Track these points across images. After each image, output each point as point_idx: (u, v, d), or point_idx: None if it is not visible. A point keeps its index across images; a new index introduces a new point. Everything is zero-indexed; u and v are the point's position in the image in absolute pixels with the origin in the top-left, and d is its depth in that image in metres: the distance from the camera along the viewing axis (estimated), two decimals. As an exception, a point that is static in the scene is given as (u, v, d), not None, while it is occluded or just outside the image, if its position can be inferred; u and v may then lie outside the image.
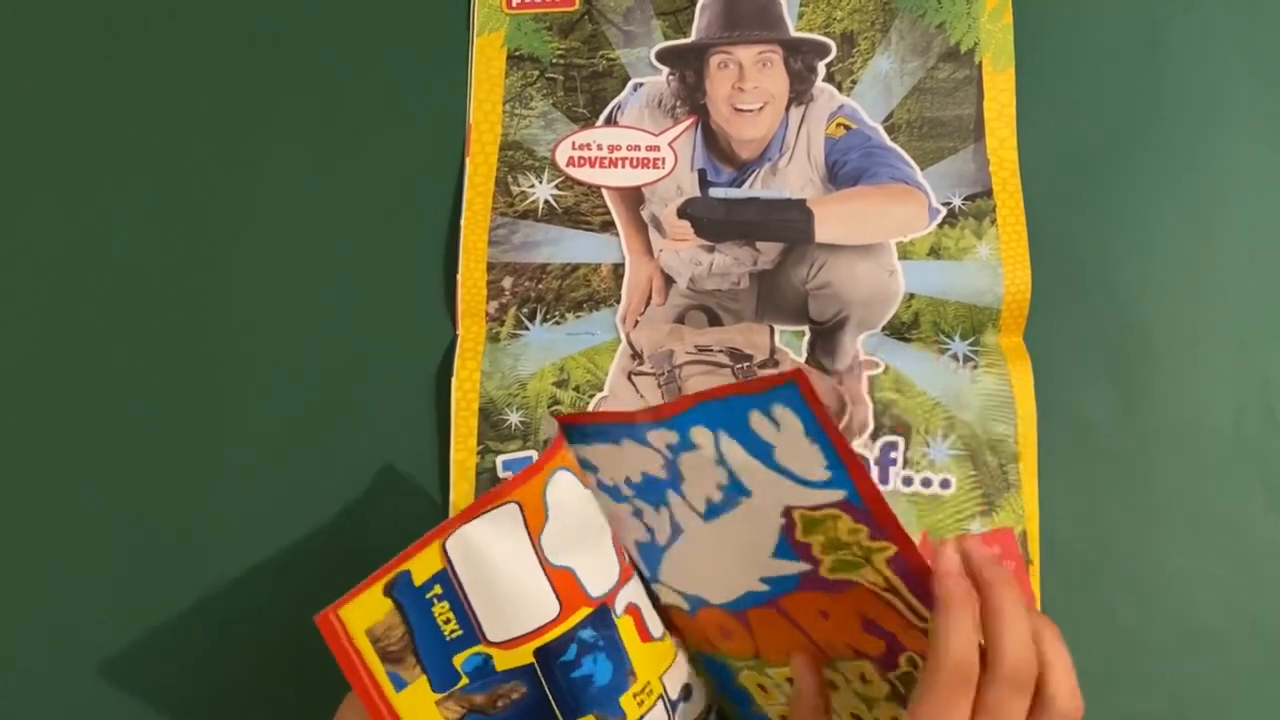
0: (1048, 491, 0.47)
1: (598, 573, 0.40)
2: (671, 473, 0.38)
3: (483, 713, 0.39)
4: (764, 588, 0.39)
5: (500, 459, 0.47)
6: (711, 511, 0.38)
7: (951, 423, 0.47)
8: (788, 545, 0.37)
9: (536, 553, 0.39)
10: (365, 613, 0.38)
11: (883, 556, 0.36)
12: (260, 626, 0.47)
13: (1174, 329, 0.49)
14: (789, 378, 0.35)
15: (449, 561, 0.38)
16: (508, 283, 0.49)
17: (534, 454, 0.47)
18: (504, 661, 0.38)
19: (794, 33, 0.51)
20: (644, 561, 0.42)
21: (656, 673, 0.41)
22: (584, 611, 0.39)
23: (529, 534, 0.38)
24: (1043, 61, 0.51)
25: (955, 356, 0.48)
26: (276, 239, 0.50)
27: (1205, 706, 0.46)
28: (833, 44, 0.51)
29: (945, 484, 0.47)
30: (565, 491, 0.40)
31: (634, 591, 0.42)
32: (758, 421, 0.35)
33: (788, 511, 0.36)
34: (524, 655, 0.38)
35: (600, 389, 0.48)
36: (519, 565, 0.38)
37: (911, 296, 0.48)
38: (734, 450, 0.36)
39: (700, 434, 0.37)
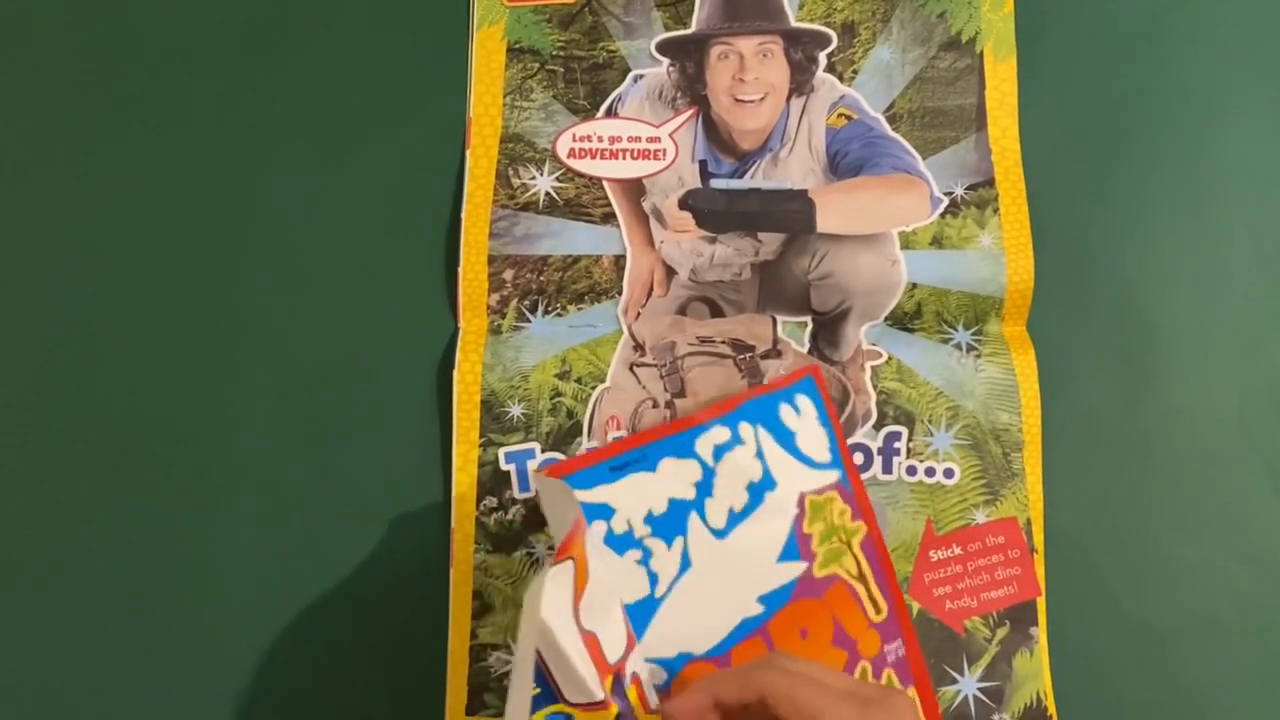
0: (1052, 480, 0.47)
1: (614, 639, 0.38)
2: (701, 489, 0.40)
3: None
4: (759, 609, 0.40)
5: (502, 451, 0.47)
6: (731, 522, 0.41)
7: (955, 412, 0.47)
8: (794, 541, 0.41)
9: (575, 615, 0.36)
10: None
11: (858, 539, 0.43)
12: (258, 619, 0.47)
13: (1178, 317, 0.49)
14: (808, 371, 0.44)
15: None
16: (509, 275, 0.49)
17: (536, 446, 0.47)
18: None
19: (794, 23, 0.51)
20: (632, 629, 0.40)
21: None
22: (608, 680, 0.36)
23: (574, 595, 0.36)
24: (1044, 50, 0.51)
25: (958, 346, 0.48)
26: (277, 233, 0.50)
27: (1210, 695, 0.46)
28: (833, 34, 0.51)
29: (949, 473, 0.47)
30: (595, 548, 0.38)
31: (637, 661, 0.39)
32: (785, 412, 0.43)
33: (801, 500, 0.41)
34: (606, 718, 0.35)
35: (602, 380, 0.48)
36: (571, 628, 0.35)
37: (914, 286, 0.48)
38: (768, 442, 0.42)
39: (746, 429, 0.42)
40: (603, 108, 0.50)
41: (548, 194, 0.50)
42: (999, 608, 0.46)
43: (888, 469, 0.47)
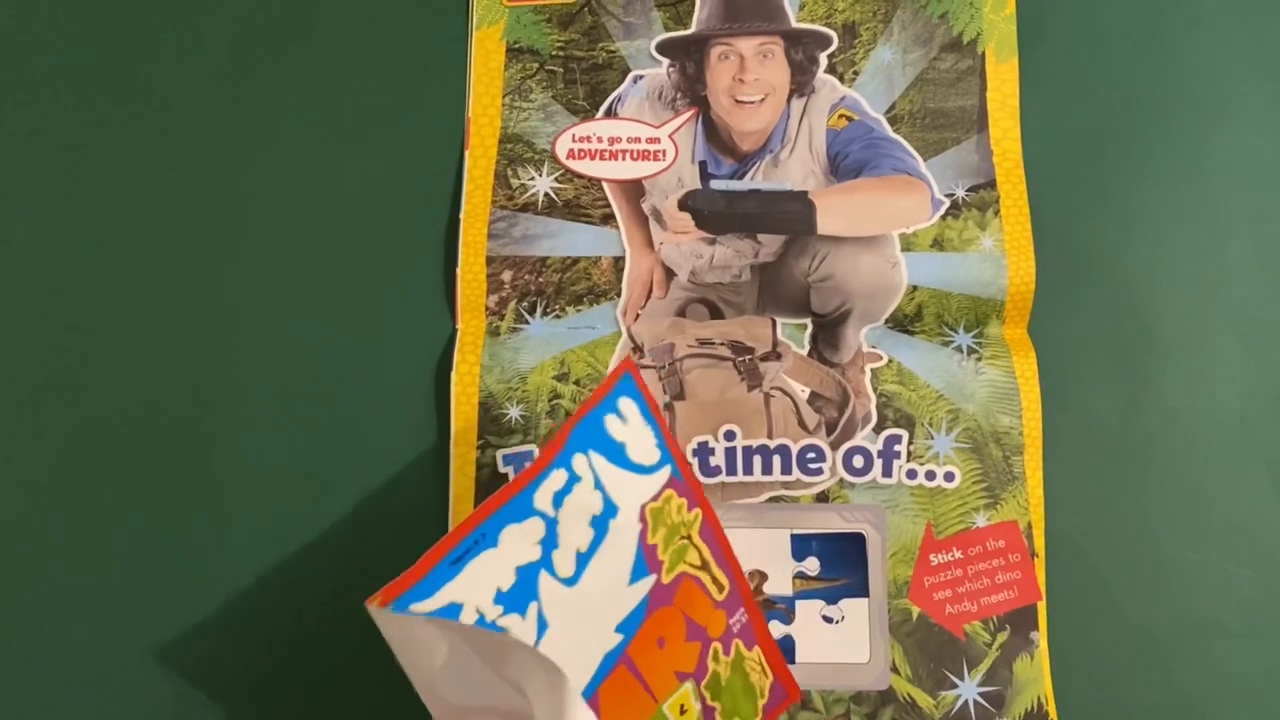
0: (1053, 484, 0.47)
1: None
2: (546, 545, 0.38)
3: None
4: (618, 639, 0.39)
5: (500, 454, 0.47)
6: (580, 564, 0.38)
7: (956, 415, 0.47)
8: (642, 558, 0.40)
9: None
10: None
11: (696, 527, 0.42)
12: (254, 622, 0.47)
13: (1179, 320, 0.49)
14: (623, 370, 0.41)
15: None
16: (507, 276, 0.49)
17: (534, 449, 0.47)
18: None
19: (795, 24, 0.51)
20: None
21: None
22: None
23: None
24: (1046, 52, 0.51)
25: (959, 349, 0.48)
26: (275, 233, 0.50)
27: (1212, 700, 0.46)
28: (834, 35, 0.51)
29: (950, 477, 0.47)
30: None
31: None
32: (612, 423, 0.40)
33: (643, 513, 0.40)
34: None
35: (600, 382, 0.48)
36: None
37: (915, 288, 0.48)
38: (602, 465, 0.39)
39: (580, 462, 0.39)
40: (602, 108, 0.50)
41: (547, 195, 0.49)
42: (999, 612, 0.46)
43: (888, 472, 0.47)
